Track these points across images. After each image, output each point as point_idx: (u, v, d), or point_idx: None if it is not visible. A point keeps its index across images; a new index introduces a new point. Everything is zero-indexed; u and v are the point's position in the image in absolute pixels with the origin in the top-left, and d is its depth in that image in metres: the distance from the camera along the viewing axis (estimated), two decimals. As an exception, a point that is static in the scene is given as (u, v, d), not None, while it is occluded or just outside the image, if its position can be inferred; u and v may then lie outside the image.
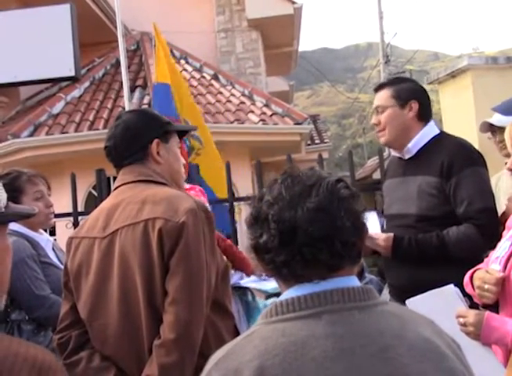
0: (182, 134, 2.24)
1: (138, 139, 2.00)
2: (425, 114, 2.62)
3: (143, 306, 1.79)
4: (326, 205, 1.14)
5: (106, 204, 2.00)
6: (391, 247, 2.46)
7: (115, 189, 2.02)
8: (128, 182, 1.98)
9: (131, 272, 1.81)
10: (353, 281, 1.18)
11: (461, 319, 1.91)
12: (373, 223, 2.52)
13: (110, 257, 1.85)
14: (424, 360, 1.10)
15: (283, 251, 1.15)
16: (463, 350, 1.55)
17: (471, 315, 1.90)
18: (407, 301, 2.03)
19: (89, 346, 1.91)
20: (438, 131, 2.62)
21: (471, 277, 2.04)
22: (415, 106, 2.59)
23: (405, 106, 2.58)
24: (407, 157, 2.61)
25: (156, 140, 2.01)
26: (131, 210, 1.86)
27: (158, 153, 2.01)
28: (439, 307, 1.93)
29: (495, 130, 3.13)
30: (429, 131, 2.59)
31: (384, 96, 2.62)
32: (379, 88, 2.70)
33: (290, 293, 1.16)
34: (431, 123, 2.63)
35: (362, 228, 1.19)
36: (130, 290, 1.81)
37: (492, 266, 2.00)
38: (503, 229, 2.14)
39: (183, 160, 2.16)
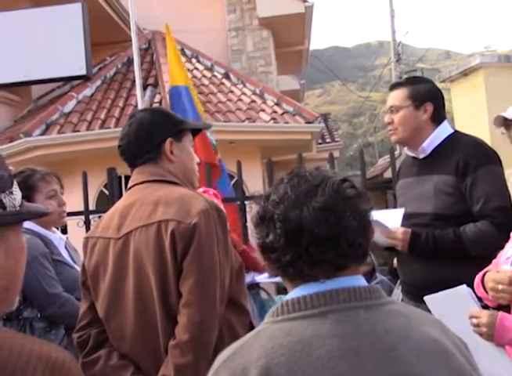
0: (196, 132, 2.24)
1: (151, 138, 2.00)
2: (439, 116, 2.61)
3: (158, 306, 1.81)
4: (332, 205, 1.14)
5: (119, 204, 2.01)
6: (408, 240, 2.46)
7: (129, 188, 2.03)
8: (142, 182, 1.98)
9: (145, 273, 1.82)
10: (359, 280, 1.18)
11: (474, 320, 1.88)
12: (396, 219, 2.51)
13: (125, 258, 1.87)
14: (431, 360, 1.10)
15: (289, 250, 1.15)
16: (476, 351, 1.54)
17: (484, 315, 1.87)
18: (425, 298, 2.00)
19: (108, 344, 1.93)
20: (451, 131, 2.61)
21: (482, 280, 2.02)
22: (430, 108, 2.57)
23: (420, 108, 2.56)
24: (421, 156, 2.60)
25: (169, 139, 2.01)
26: (144, 211, 1.87)
27: (171, 152, 2.02)
28: (452, 306, 1.92)
29: (509, 124, 3.10)
30: (443, 130, 2.58)
31: (399, 96, 2.60)
32: (394, 86, 2.68)
33: (296, 292, 1.17)
34: (445, 122, 2.61)
35: (368, 227, 1.19)
36: (145, 290, 1.83)
37: (502, 267, 1.98)
38: None
39: (197, 159, 2.16)
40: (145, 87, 9.52)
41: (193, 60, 11.16)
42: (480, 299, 2.05)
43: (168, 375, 1.75)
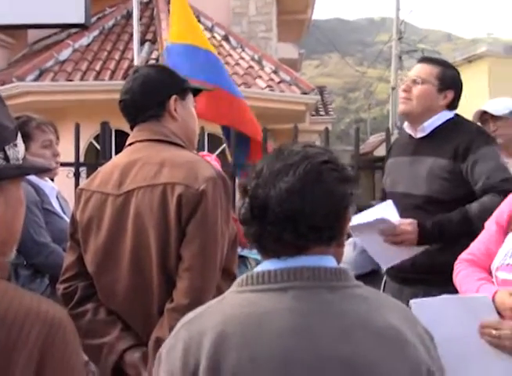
0: (197, 92, 2.21)
1: (156, 94, 1.98)
2: (454, 106, 2.60)
3: (156, 268, 1.81)
4: (300, 187, 1.13)
5: (120, 160, 1.98)
6: (417, 232, 2.36)
7: (129, 145, 2.00)
8: (144, 140, 1.96)
9: (145, 233, 1.82)
10: (326, 261, 1.18)
11: (494, 332, 1.71)
12: (390, 212, 2.41)
13: (124, 216, 1.86)
14: (385, 346, 1.11)
15: (254, 225, 1.17)
16: (492, 363, 1.53)
17: (508, 327, 1.69)
18: (411, 302, 1.80)
19: (95, 299, 1.93)
20: (452, 115, 2.61)
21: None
22: (450, 96, 2.56)
23: (442, 92, 2.55)
24: (419, 136, 2.59)
25: (174, 96, 1.99)
26: (148, 171, 1.86)
27: (175, 109, 2.00)
28: (455, 313, 1.78)
29: (486, 119, 3.13)
30: (445, 114, 2.58)
31: (428, 71, 2.56)
32: (426, 60, 2.65)
33: (262, 266, 1.19)
34: None
35: (341, 212, 1.18)
36: (143, 250, 1.83)
37: (500, 274, 1.86)
38: None
39: (197, 121, 2.13)
40: (143, 42, 9.38)
41: (194, 19, 10.97)
42: None
43: (162, 337, 1.77)
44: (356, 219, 2.35)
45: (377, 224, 2.34)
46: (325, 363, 1.08)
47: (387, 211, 2.43)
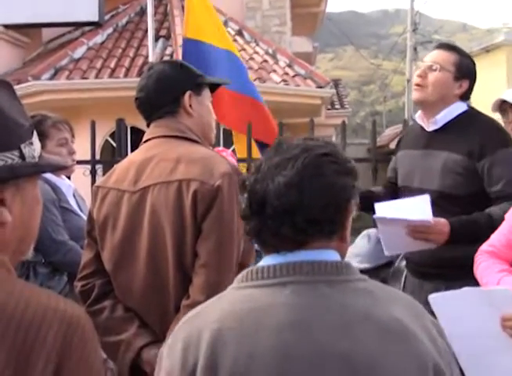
0: (214, 88, 2.20)
1: (170, 91, 1.97)
2: (467, 96, 2.56)
3: (172, 265, 1.81)
4: (298, 180, 1.12)
5: (136, 156, 1.98)
6: (448, 233, 2.26)
7: (145, 141, 2.00)
8: (160, 137, 1.96)
9: (161, 230, 1.82)
10: (327, 254, 1.17)
11: None
12: (425, 208, 2.28)
13: (140, 213, 1.86)
14: (388, 340, 1.08)
15: (253, 220, 1.17)
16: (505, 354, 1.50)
17: None
18: (430, 297, 1.78)
19: (112, 296, 1.93)
20: (465, 107, 2.56)
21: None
22: (465, 85, 2.51)
23: (458, 81, 2.50)
24: (431, 129, 2.55)
25: (188, 92, 1.99)
26: (164, 167, 1.85)
27: (190, 105, 1.99)
28: (475, 306, 1.76)
29: (506, 108, 3.07)
30: (458, 105, 2.53)
31: (446, 58, 2.51)
32: (444, 47, 2.59)
33: (263, 261, 1.19)
34: None
35: (341, 205, 1.16)
36: (159, 247, 1.82)
37: None
38: None
39: (214, 116, 2.13)
40: (157, 38, 9.39)
41: (207, 14, 10.94)
42: None
43: None
44: (386, 208, 2.30)
45: (418, 222, 2.24)
46: (324, 358, 1.07)
47: (421, 205, 2.30)
